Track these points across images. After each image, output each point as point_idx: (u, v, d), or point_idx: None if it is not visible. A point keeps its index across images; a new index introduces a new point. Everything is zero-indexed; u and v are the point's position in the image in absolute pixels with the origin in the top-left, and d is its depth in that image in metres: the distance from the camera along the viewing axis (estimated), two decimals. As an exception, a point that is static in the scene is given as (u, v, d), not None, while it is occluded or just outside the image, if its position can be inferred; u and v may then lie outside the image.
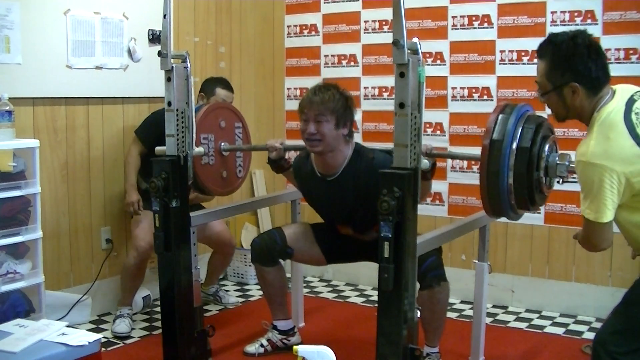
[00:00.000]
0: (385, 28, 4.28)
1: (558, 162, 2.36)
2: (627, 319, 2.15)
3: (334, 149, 2.91)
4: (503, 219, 3.86)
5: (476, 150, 4.02)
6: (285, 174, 3.27)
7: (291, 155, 3.29)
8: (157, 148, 2.92)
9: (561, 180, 2.41)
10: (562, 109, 2.20)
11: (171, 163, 2.83)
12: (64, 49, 3.56)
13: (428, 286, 2.82)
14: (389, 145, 2.39)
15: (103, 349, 2.89)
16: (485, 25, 3.97)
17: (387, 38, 2.75)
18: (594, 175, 2.02)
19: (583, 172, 2.06)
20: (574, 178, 2.39)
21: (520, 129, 2.33)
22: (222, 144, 3.28)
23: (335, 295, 4.33)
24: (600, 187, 2.01)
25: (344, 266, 4.54)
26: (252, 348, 3.28)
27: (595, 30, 3.64)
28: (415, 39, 2.17)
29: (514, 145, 2.30)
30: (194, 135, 2.90)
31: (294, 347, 1.99)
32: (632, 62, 3.57)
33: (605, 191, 2.01)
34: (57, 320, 3.17)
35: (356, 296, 4.29)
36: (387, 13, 4.07)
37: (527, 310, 3.97)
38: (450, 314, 3.92)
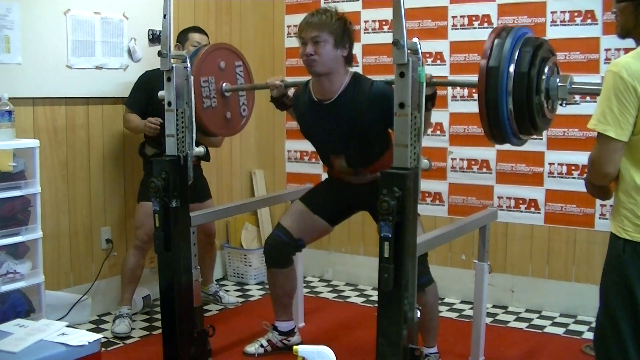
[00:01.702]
0: (385, 28, 4.28)
1: (559, 84, 2.29)
2: (604, 315, 2.17)
3: (333, 70, 2.87)
4: (503, 219, 3.91)
5: (477, 150, 4.04)
6: (289, 112, 3.26)
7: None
8: (160, 92, 2.89)
9: (564, 103, 2.33)
10: (632, 22, 2.10)
11: (171, 163, 2.83)
12: (64, 49, 3.56)
13: None
14: (389, 77, 2.32)
15: (103, 349, 2.89)
16: (485, 25, 3.96)
17: (387, 38, 2.75)
18: (617, 87, 1.97)
19: (607, 81, 2.00)
20: (575, 101, 2.32)
21: (518, 52, 2.25)
22: (224, 84, 3.24)
23: (335, 295, 4.33)
24: (619, 102, 1.97)
25: (344, 266, 4.55)
26: (251, 348, 3.28)
27: (595, 30, 3.65)
28: (415, 39, 2.17)
29: (512, 69, 2.22)
30: (194, 135, 2.90)
31: (294, 347, 1.99)
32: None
33: (622, 107, 1.97)
34: (57, 320, 3.17)
35: (356, 296, 4.29)
36: (387, 13, 4.07)
37: (527, 310, 3.97)
38: (450, 314, 3.93)
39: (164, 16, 2.77)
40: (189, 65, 2.87)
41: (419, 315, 2.34)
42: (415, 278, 2.31)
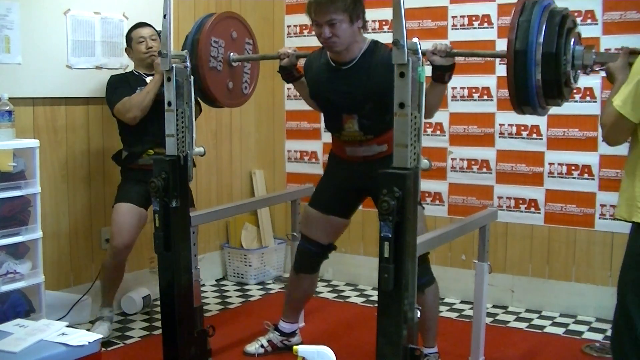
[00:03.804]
0: (385, 28, 4.28)
1: (585, 52, 2.32)
2: (620, 313, 2.21)
3: (352, 42, 2.82)
4: (503, 219, 3.91)
5: (477, 150, 4.04)
6: (295, 85, 3.17)
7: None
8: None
9: (589, 70, 2.36)
10: None
11: (171, 163, 2.83)
12: (64, 49, 3.57)
13: None
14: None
15: (103, 349, 2.89)
16: (485, 25, 3.97)
17: (387, 38, 2.75)
18: None
19: (638, 63, 2.12)
20: (602, 68, 2.36)
21: (545, 23, 2.26)
22: (231, 54, 3.19)
23: (335, 295, 4.33)
24: (638, 85, 2.08)
25: (344, 266, 4.55)
26: (252, 348, 3.28)
27: (595, 30, 3.65)
28: (415, 39, 2.17)
29: (540, 40, 2.24)
30: (194, 135, 2.90)
31: (294, 347, 1.99)
32: (632, 62, 3.57)
33: (638, 90, 2.08)
34: (57, 320, 3.17)
35: (356, 296, 4.29)
36: (387, 13, 4.07)
37: (527, 310, 3.97)
38: (450, 314, 3.93)
39: (164, 16, 2.77)
40: (188, 65, 2.87)
41: (419, 315, 2.34)
42: (415, 278, 2.31)
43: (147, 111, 3.42)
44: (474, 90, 4.04)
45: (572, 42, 2.31)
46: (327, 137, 3.67)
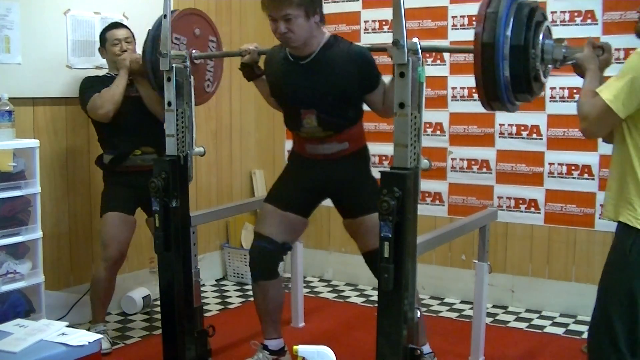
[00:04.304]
0: (385, 28, 4.28)
1: (554, 45, 2.27)
2: (600, 313, 2.23)
3: (310, 37, 2.75)
4: (503, 219, 3.91)
5: (477, 150, 4.04)
6: (256, 83, 3.07)
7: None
8: None
9: (558, 63, 2.30)
10: None
11: (171, 163, 2.83)
12: (64, 49, 3.57)
13: None
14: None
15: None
16: (485, 25, 3.96)
17: (387, 38, 2.74)
18: (637, 70, 2.03)
19: (631, 60, 2.07)
20: (573, 60, 2.30)
21: (513, 16, 2.20)
22: (194, 51, 3.09)
23: (335, 295, 4.33)
24: (633, 83, 2.03)
25: (344, 266, 4.55)
26: None
27: (595, 30, 3.65)
28: (415, 39, 2.17)
29: (508, 32, 2.18)
30: (194, 135, 2.90)
31: (294, 347, 1.99)
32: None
33: (633, 87, 2.03)
34: (57, 320, 3.17)
35: (356, 296, 4.29)
36: (387, 13, 4.07)
37: (527, 310, 3.97)
38: (450, 314, 3.93)
39: (164, 16, 2.78)
40: (188, 65, 2.87)
41: (418, 315, 2.34)
42: (415, 278, 2.31)
43: (119, 106, 3.32)
44: (473, 90, 4.02)
45: (541, 36, 2.25)
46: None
